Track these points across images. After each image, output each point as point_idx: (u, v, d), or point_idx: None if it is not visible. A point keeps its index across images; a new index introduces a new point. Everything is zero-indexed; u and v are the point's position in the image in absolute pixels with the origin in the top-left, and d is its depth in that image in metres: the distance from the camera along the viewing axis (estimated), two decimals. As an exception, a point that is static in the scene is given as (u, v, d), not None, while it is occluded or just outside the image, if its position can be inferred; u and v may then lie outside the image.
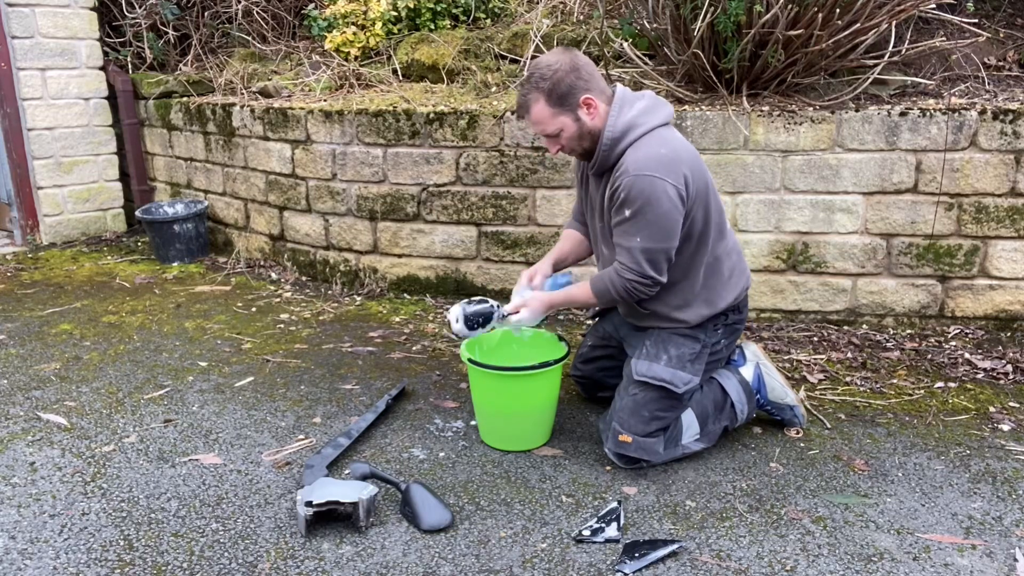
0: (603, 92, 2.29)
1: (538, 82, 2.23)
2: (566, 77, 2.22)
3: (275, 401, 2.87)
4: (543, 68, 2.24)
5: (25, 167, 5.03)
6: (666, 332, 2.41)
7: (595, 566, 1.96)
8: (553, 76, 2.22)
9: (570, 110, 2.25)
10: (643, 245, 2.20)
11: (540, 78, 2.23)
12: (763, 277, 3.48)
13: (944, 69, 3.57)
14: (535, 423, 2.50)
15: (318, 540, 2.06)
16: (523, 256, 3.74)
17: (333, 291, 4.10)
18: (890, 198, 3.30)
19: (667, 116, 2.31)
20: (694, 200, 2.24)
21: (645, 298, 2.30)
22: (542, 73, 2.23)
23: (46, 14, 4.88)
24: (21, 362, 3.24)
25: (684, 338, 2.39)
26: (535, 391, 2.45)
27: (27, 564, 1.98)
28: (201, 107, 4.71)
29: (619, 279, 2.26)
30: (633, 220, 2.19)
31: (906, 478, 2.34)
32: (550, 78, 2.22)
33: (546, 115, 2.26)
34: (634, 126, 2.25)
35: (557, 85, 2.22)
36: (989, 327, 3.36)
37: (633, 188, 2.17)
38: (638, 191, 2.17)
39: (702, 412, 2.43)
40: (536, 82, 2.24)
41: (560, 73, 2.22)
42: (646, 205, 2.17)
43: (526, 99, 2.27)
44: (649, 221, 2.18)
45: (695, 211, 2.26)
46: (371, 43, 4.59)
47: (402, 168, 3.83)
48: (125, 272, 4.53)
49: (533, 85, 2.24)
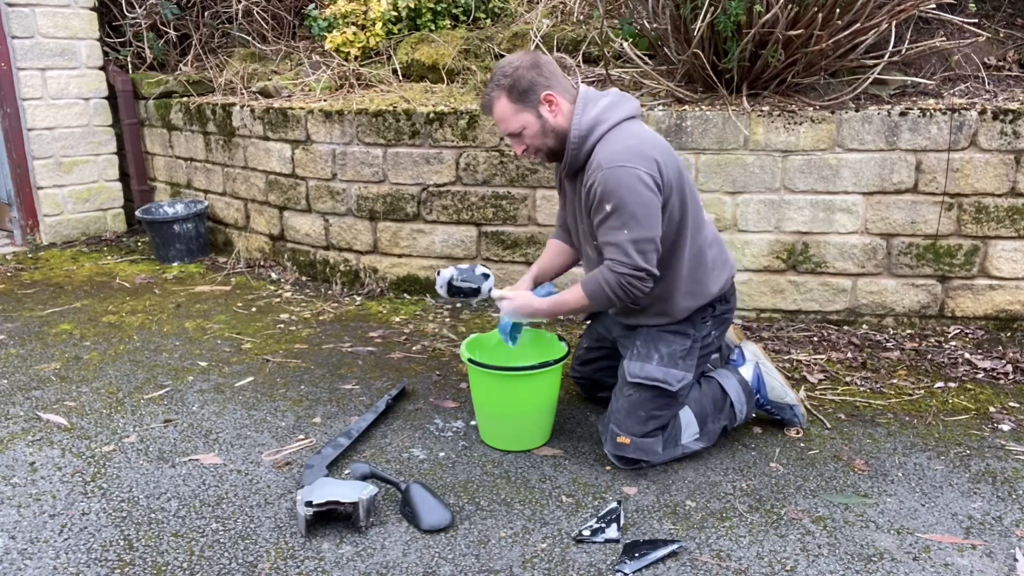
0: (567, 91, 2.29)
1: (499, 80, 2.26)
2: (527, 74, 2.24)
3: (275, 401, 2.87)
4: (504, 66, 2.27)
5: (25, 167, 5.03)
6: (655, 330, 2.40)
7: (595, 566, 1.96)
8: (514, 73, 2.24)
9: (532, 107, 2.26)
10: (631, 236, 2.16)
11: (502, 75, 2.25)
12: (763, 277, 3.48)
13: (944, 69, 3.57)
14: (535, 423, 2.50)
15: (318, 540, 2.06)
16: (523, 256, 3.74)
17: (333, 291, 4.10)
18: (890, 198, 3.30)
19: (633, 110, 2.31)
20: (670, 187, 2.23)
21: (640, 294, 2.24)
22: (503, 71, 2.26)
23: (46, 14, 4.88)
24: (21, 362, 3.24)
25: (674, 335, 2.39)
26: (535, 391, 2.45)
27: (27, 564, 1.98)
28: (201, 107, 4.71)
29: (612, 275, 2.20)
30: (615, 214, 2.17)
31: (906, 478, 2.34)
32: (511, 75, 2.24)
33: (508, 112, 2.27)
34: (600, 122, 2.25)
35: (518, 82, 2.24)
36: (989, 327, 3.36)
37: (609, 182, 2.16)
38: (615, 183, 2.15)
39: (701, 411, 2.43)
40: (498, 80, 2.26)
41: (521, 70, 2.24)
42: (625, 196, 2.15)
43: (489, 97, 2.29)
44: (632, 212, 2.15)
45: (672, 199, 2.24)
46: (371, 43, 4.59)
47: (402, 168, 3.83)
48: (125, 272, 4.53)
49: (495, 83, 2.27)
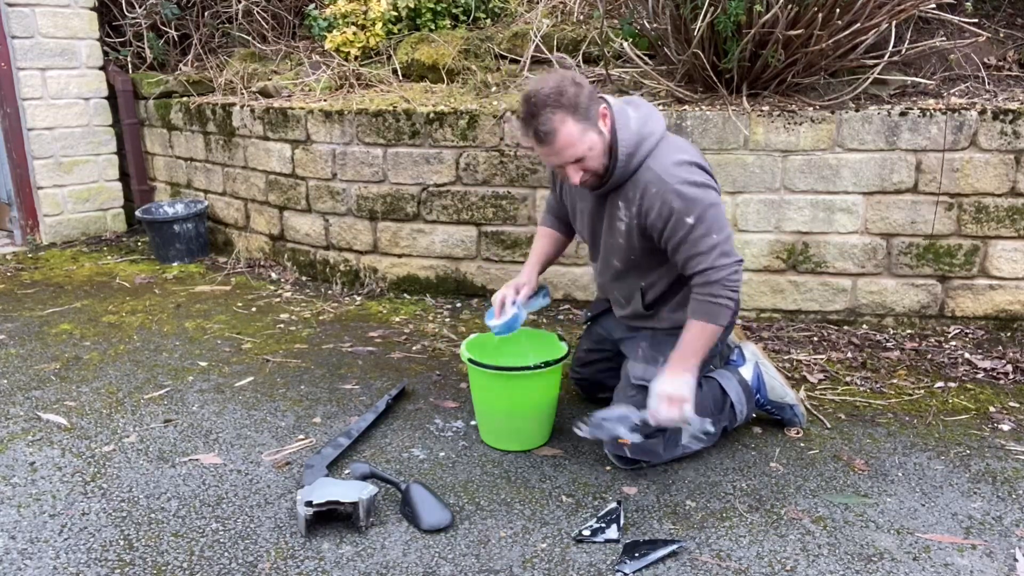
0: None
1: (554, 101, 2.03)
2: (578, 90, 2.06)
3: (275, 401, 2.87)
4: (547, 88, 2.05)
5: (25, 167, 5.03)
6: (661, 334, 2.40)
7: (595, 566, 1.96)
8: (567, 91, 2.04)
9: (594, 124, 2.10)
10: (719, 239, 2.12)
11: (555, 95, 2.03)
12: (763, 277, 3.48)
13: (944, 69, 3.57)
14: (535, 423, 2.50)
15: (318, 540, 2.06)
16: (523, 256, 3.74)
17: (333, 291, 4.10)
18: (890, 198, 3.30)
19: (663, 121, 2.28)
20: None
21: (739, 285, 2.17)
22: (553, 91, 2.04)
23: (46, 14, 4.88)
24: (21, 362, 3.24)
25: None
26: (535, 391, 2.45)
27: (27, 564, 1.98)
28: (201, 107, 4.71)
29: (715, 283, 2.10)
30: (699, 225, 2.12)
31: (906, 478, 2.34)
32: (565, 93, 2.04)
33: (576, 134, 2.06)
34: (644, 136, 2.18)
35: (576, 99, 2.05)
36: (989, 327, 3.36)
37: (684, 197, 2.12)
38: (691, 197, 2.11)
39: (701, 412, 2.42)
40: (552, 101, 2.03)
41: (570, 87, 2.05)
42: (704, 207, 2.11)
43: (549, 123, 2.04)
44: (713, 217, 2.13)
45: None
46: (371, 43, 4.59)
47: (402, 168, 3.83)
48: (125, 272, 4.53)
49: (551, 105, 2.03)
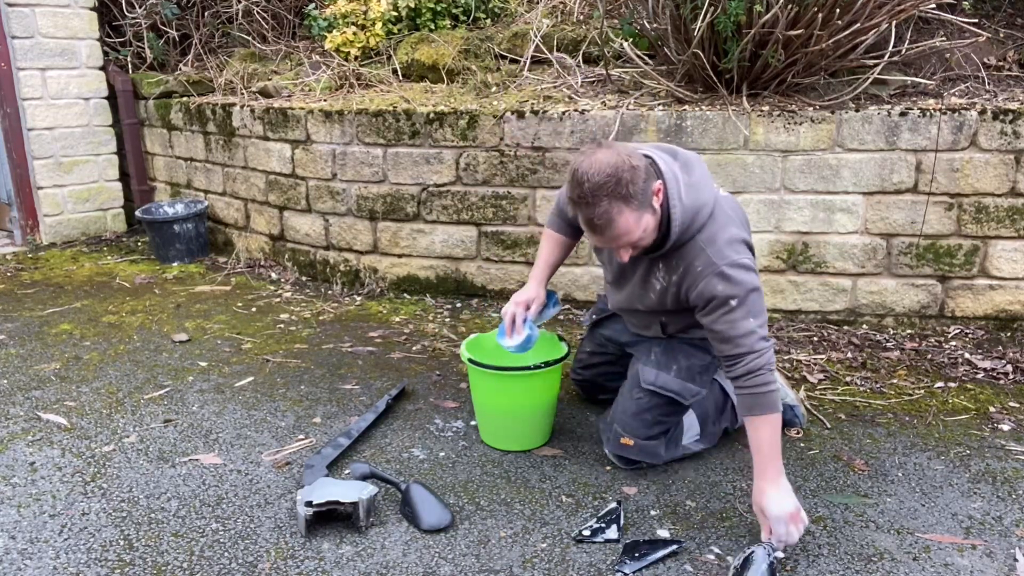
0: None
1: (613, 191, 1.93)
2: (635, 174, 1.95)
3: (275, 401, 2.87)
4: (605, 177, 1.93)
5: (25, 167, 5.03)
6: (675, 340, 2.39)
7: (595, 566, 1.96)
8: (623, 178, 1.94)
9: (648, 205, 2.01)
10: (758, 322, 2.09)
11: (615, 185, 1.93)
12: (763, 277, 3.47)
13: (944, 69, 3.57)
14: (535, 423, 2.50)
15: (318, 540, 2.06)
16: (523, 256, 3.74)
17: (333, 291, 4.10)
18: (890, 198, 3.30)
19: (713, 184, 2.19)
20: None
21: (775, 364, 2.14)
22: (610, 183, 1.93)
23: (46, 14, 4.88)
24: (21, 362, 3.24)
25: (695, 348, 2.36)
26: (535, 391, 2.45)
27: (27, 564, 1.98)
28: (201, 107, 4.71)
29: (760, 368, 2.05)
30: (741, 307, 2.08)
31: (906, 478, 2.34)
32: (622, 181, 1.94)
33: (632, 223, 1.98)
34: (699, 208, 2.10)
35: (633, 185, 1.95)
36: (989, 327, 3.36)
37: (728, 280, 2.07)
38: (737, 280, 2.07)
39: (703, 413, 2.43)
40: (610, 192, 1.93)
41: (628, 172, 1.94)
42: (747, 291, 2.09)
43: (607, 215, 1.95)
44: (753, 301, 2.09)
45: None
46: (371, 43, 4.59)
47: (402, 168, 3.83)
48: (125, 272, 4.53)
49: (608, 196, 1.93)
